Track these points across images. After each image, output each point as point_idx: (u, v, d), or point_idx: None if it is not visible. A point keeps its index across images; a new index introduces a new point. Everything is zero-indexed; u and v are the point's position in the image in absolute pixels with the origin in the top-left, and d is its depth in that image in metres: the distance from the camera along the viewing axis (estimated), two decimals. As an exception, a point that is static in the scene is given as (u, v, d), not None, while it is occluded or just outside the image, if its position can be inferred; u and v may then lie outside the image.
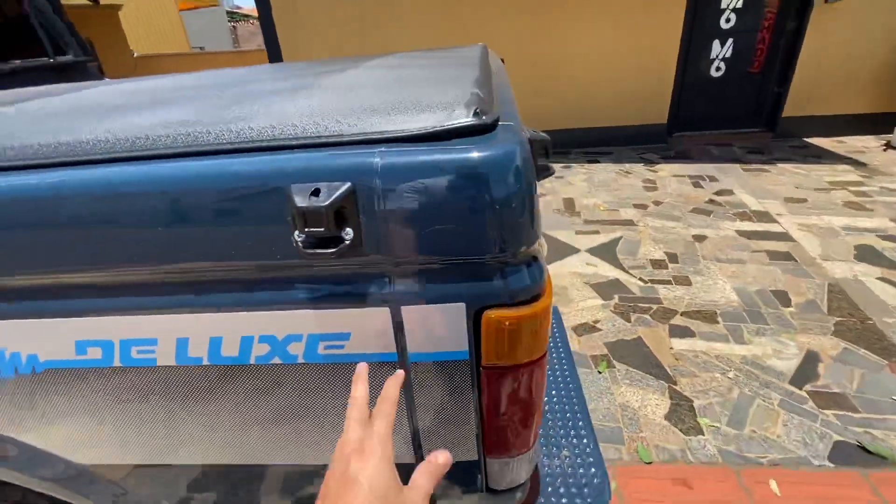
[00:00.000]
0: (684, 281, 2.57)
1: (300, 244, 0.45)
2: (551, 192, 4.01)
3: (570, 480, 0.78)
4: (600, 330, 2.23)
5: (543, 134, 0.60)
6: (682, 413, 1.75)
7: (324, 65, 1.27)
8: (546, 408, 0.93)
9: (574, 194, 3.94)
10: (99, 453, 0.67)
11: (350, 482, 0.36)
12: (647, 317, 2.30)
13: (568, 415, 0.91)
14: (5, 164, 0.52)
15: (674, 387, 1.87)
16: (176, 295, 0.53)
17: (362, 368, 0.48)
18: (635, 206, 3.60)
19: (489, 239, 0.47)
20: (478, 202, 0.45)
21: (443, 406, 0.58)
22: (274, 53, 5.20)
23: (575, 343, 2.16)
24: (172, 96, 0.85)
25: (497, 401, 0.56)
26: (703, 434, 1.66)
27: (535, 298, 0.51)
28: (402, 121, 0.50)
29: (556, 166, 4.74)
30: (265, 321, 0.53)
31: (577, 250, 2.99)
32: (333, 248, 0.45)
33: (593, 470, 0.78)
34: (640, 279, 2.61)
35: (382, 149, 0.47)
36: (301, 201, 0.44)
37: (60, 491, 0.70)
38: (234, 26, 20.15)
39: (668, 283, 2.56)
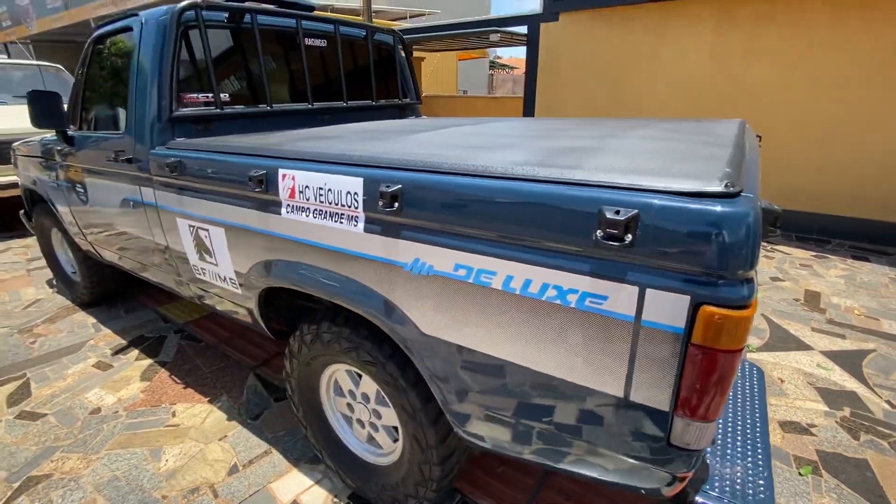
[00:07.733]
0: (960, 425, 2.06)
1: (600, 238, 0.83)
2: (791, 280, 3.58)
3: (737, 487, 0.94)
4: (814, 436, 2.01)
5: (776, 207, 0.84)
6: (903, 556, 1.50)
7: (600, 125, 1.68)
8: (737, 427, 1.09)
9: (822, 289, 3.43)
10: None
11: None
12: (884, 443, 1.96)
13: (749, 441, 1.04)
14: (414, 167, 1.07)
15: (901, 527, 1.60)
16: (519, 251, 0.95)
17: None
18: (910, 322, 2.94)
19: (717, 262, 0.75)
20: (716, 238, 0.75)
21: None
22: (530, 100, 6.05)
23: (777, 437, 2.01)
24: (508, 141, 1.37)
25: (695, 371, 0.82)
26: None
27: (742, 308, 0.76)
28: (670, 181, 0.83)
29: (807, 254, 4.14)
30: (561, 277, 0.90)
31: (808, 348, 2.66)
32: (618, 244, 0.81)
33: (762, 484, 0.92)
34: (889, 402, 2.20)
35: (658, 197, 0.80)
36: (610, 215, 0.81)
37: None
38: (491, 74, 23.27)
39: (933, 419, 2.09)
